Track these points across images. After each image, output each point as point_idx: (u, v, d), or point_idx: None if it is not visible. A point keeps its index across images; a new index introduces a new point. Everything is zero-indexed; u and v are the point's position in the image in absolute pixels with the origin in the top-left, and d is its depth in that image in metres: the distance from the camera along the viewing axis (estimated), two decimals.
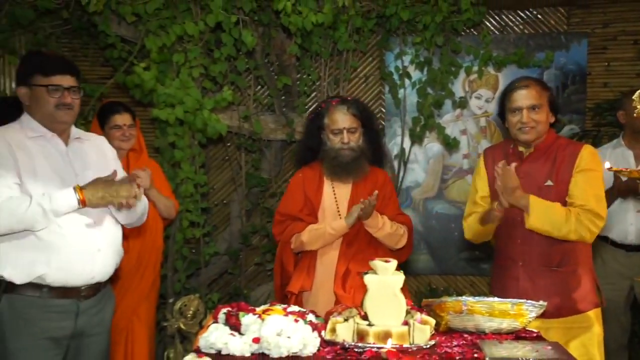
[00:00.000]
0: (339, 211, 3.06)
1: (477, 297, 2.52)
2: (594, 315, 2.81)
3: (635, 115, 2.32)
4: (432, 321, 2.32)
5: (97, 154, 2.67)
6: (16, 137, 2.47)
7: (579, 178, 2.77)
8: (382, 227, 3.00)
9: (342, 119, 3.02)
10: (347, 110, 3.05)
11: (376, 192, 2.91)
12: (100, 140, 2.80)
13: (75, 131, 2.64)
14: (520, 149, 2.92)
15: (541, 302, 2.43)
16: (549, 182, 2.81)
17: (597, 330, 2.82)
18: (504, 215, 2.80)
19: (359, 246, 3.01)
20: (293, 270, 3.06)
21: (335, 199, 3.06)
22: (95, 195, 2.40)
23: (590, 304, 2.80)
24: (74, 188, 2.39)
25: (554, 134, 2.93)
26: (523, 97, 2.82)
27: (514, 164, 2.71)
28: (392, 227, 3.04)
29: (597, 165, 2.80)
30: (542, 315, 2.48)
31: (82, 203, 2.39)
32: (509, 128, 2.90)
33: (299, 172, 3.18)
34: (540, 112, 2.81)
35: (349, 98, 3.23)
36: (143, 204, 2.71)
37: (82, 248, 2.46)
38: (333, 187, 3.09)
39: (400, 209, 3.26)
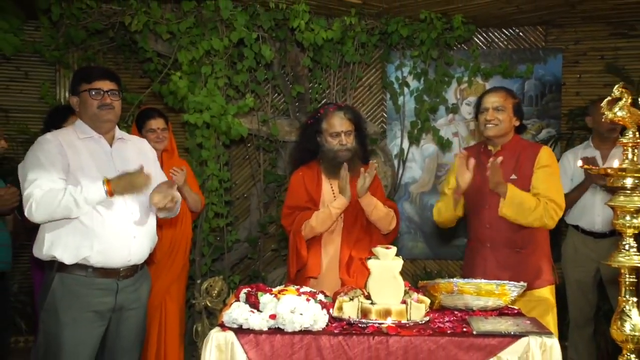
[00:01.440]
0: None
1: (466, 279, 2.53)
2: (549, 291, 2.87)
3: (603, 120, 2.31)
4: (427, 300, 2.32)
5: (138, 154, 2.67)
6: (68, 138, 2.51)
7: (540, 174, 2.84)
8: (376, 206, 2.93)
9: (339, 123, 2.97)
10: (343, 115, 3.00)
11: (374, 163, 2.88)
12: (142, 142, 2.81)
13: (119, 133, 2.66)
14: (490, 147, 2.97)
15: (522, 283, 2.44)
16: (513, 176, 2.87)
17: (552, 303, 2.88)
18: (462, 195, 2.89)
19: (358, 235, 2.96)
20: (307, 254, 3.00)
21: (334, 195, 2.99)
22: (119, 185, 2.41)
23: (546, 281, 2.87)
24: (103, 181, 2.40)
25: (518, 137, 2.99)
26: (490, 100, 2.92)
27: (500, 158, 2.75)
28: (384, 209, 2.97)
29: (554, 163, 2.90)
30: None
31: (109, 193, 2.40)
32: (479, 126, 2.98)
33: (298, 170, 3.10)
34: (502, 112, 2.88)
35: (343, 105, 3.20)
36: (178, 198, 2.71)
37: (119, 235, 2.48)
38: (331, 184, 3.02)
39: (387, 197, 3.21)
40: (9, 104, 4.83)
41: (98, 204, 2.41)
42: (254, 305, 2.23)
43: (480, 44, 5.00)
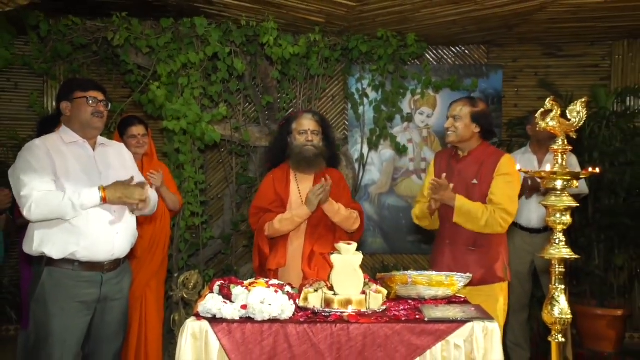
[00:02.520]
0: (303, 202, 2.97)
1: (419, 271, 2.54)
2: (499, 287, 2.82)
3: (537, 129, 2.37)
4: (384, 291, 2.34)
5: (118, 158, 2.66)
6: (54, 144, 2.50)
7: (499, 181, 2.80)
8: (338, 211, 2.93)
9: (307, 122, 2.98)
10: (312, 117, 3.01)
11: (328, 177, 2.88)
12: (120, 147, 2.78)
13: (100, 139, 2.65)
14: (459, 152, 2.94)
15: (467, 274, 2.47)
16: (475, 181, 2.84)
17: (501, 299, 2.82)
18: (435, 210, 2.87)
19: (321, 232, 2.95)
20: (269, 251, 3.00)
21: (300, 193, 2.99)
22: (114, 195, 2.42)
23: (497, 278, 2.81)
24: (99, 188, 2.41)
25: (486, 144, 2.94)
26: (451, 109, 2.92)
27: (444, 175, 2.77)
28: (347, 212, 2.97)
29: (514, 172, 2.82)
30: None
31: (104, 200, 2.41)
32: None
33: (270, 173, 3.09)
34: (459, 121, 2.85)
35: (312, 110, 3.21)
36: (154, 198, 2.69)
37: (103, 232, 2.47)
38: (298, 184, 3.02)
39: (353, 200, 3.21)
40: (0, 112, 4.80)
41: (91, 208, 2.41)
42: (227, 296, 2.22)
43: (431, 59, 5.06)
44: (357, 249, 2.35)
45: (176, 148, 4.23)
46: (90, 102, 2.51)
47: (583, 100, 2.13)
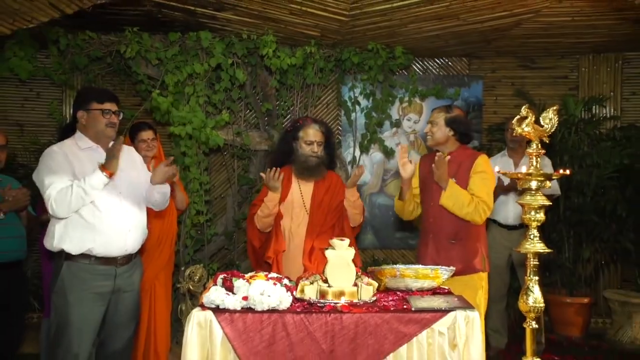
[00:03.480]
0: (304, 203, 3.01)
1: (406, 265, 2.54)
2: (477, 277, 2.82)
3: (514, 134, 2.38)
4: (375, 283, 2.35)
5: (128, 160, 2.66)
6: (70, 149, 2.53)
7: (476, 178, 2.83)
8: (358, 199, 2.98)
9: (314, 134, 2.98)
10: (318, 128, 3.01)
11: (362, 168, 2.99)
12: (130, 150, 2.80)
13: (111, 143, 2.63)
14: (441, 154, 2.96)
15: (451, 268, 2.47)
16: (453, 180, 2.84)
17: (481, 289, 2.84)
18: (407, 187, 2.92)
19: (321, 229, 2.96)
20: (258, 244, 3.00)
21: (301, 195, 3.01)
22: (110, 164, 2.43)
23: (476, 269, 2.82)
24: (99, 167, 2.43)
25: (464, 147, 2.95)
26: (430, 117, 2.95)
27: (448, 156, 2.77)
28: (359, 200, 3.02)
29: (488, 169, 2.86)
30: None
31: (108, 174, 2.42)
32: None
33: None
34: (435, 126, 2.89)
35: (318, 119, 3.21)
36: (164, 190, 2.68)
37: (117, 229, 2.49)
38: (300, 186, 3.03)
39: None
40: (23, 120, 4.84)
41: (104, 186, 2.43)
42: (229, 288, 2.22)
43: (418, 70, 5.07)
44: (351, 245, 2.36)
45: (182, 151, 4.22)
46: (105, 114, 2.53)
47: (554, 108, 2.15)
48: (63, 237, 2.44)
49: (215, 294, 2.18)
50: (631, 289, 4.63)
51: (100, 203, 2.46)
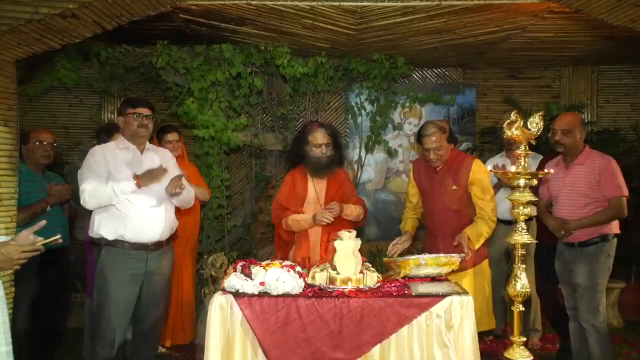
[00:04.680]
0: (318, 199, 3.02)
1: (430, 255, 2.49)
2: (484, 263, 2.89)
3: (504, 137, 2.38)
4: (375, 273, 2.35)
5: (162, 160, 2.71)
6: (110, 149, 2.62)
7: (477, 190, 2.82)
8: (351, 213, 2.99)
9: (321, 137, 2.99)
10: (324, 131, 3.02)
11: (336, 204, 2.90)
12: (165, 152, 2.86)
13: (148, 145, 2.74)
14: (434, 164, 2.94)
15: (461, 254, 2.51)
16: (454, 187, 2.85)
17: (487, 272, 2.90)
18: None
19: (335, 223, 2.93)
20: (288, 237, 3.03)
21: (316, 191, 3.03)
22: (143, 178, 2.52)
23: (482, 258, 2.87)
24: (133, 176, 2.51)
25: (455, 152, 2.94)
26: (429, 143, 2.83)
27: (469, 254, 2.69)
28: (356, 210, 3.02)
29: (484, 173, 2.85)
30: (456, 270, 2.53)
31: (138, 185, 2.51)
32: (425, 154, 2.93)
33: (289, 174, 3.12)
34: (440, 149, 2.83)
35: (324, 123, 3.22)
36: (190, 192, 2.75)
37: (146, 218, 2.55)
38: (314, 184, 3.04)
39: (357, 195, 3.23)
40: (69, 123, 4.95)
41: (131, 193, 2.50)
42: (248, 275, 2.24)
43: (417, 78, 5.05)
44: (358, 236, 2.37)
45: (206, 151, 4.24)
46: (136, 116, 2.60)
47: (540, 113, 2.15)
48: (101, 225, 2.53)
49: (235, 280, 2.20)
50: None
51: (132, 197, 2.52)
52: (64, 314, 3.35)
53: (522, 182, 2.09)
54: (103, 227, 2.54)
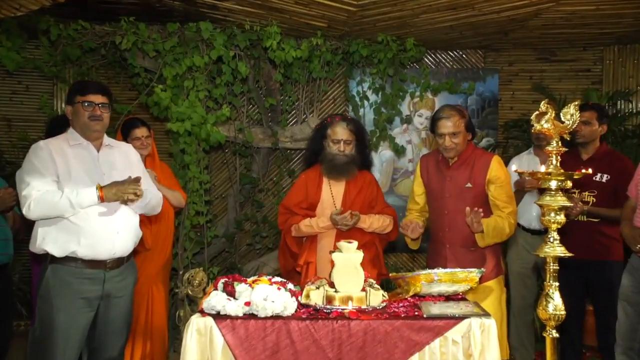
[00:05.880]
0: (334, 204, 3.02)
1: (443, 270, 2.47)
2: (498, 281, 2.89)
3: (532, 131, 2.37)
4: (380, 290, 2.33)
5: (124, 159, 2.65)
6: (58, 146, 2.50)
7: (497, 188, 2.83)
8: (370, 226, 3.00)
9: (341, 132, 3.00)
10: (346, 126, 3.02)
11: (354, 214, 2.92)
12: (127, 147, 2.78)
13: (106, 140, 2.64)
14: (449, 159, 2.94)
15: (482, 269, 2.46)
16: (469, 185, 2.86)
17: (501, 291, 2.90)
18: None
19: (351, 232, 2.95)
20: (297, 249, 3.05)
21: (332, 195, 3.03)
22: (110, 192, 2.42)
23: (495, 273, 2.87)
24: (96, 187, 2.42)
25: (472, 146, 2.95)
26: (446, 126, 2.82)
27: (480, 211, 2.70)
28: (379, 221, 3.02)
29: (504, 172, 2.87)
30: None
31: (101, 199, 2.41)
32: (438, 145, 2.93)
33: (303, 174, 3.14)
34: (458, 136, 2.82)
35: (349, 117, 3.22)
36: (156, 197, 2.69)
37: (104, 230, 2.47)
38: (330, 186, 3.05)
39: (386, 203, 3.21)
40: (11, 114, 4.84)
41: (88, 207, 2.42)
42: (231, 293, 2.22)
43: (430, 63, 5.06)
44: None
45: (181, 149, 4.23)
46: (86, 105, 2.50)
47: (576, 103, 2.13)
48: (46, 239, 2.42)
49: (215, 299, 2.18)
50: None
51: None
52: (3, 346, 3.22)
53: (553, 184, 2.08)
54: (49, 242, 2.41)
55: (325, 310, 2.20)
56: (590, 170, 2.15)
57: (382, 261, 3.16)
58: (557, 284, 2.13)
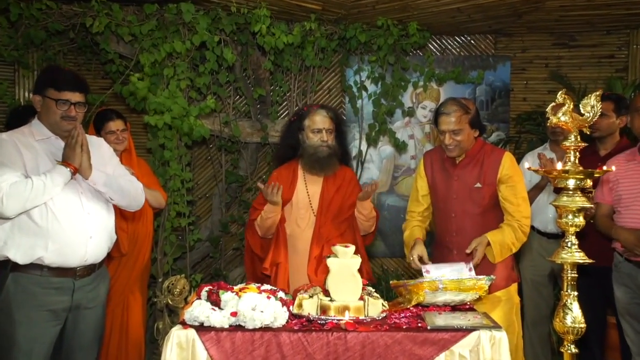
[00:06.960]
0: (311, 204, 3.02)
1: (451, 277, 2.47)
2: (512, 289, 2.90)
3: (548, 125, 2.36)
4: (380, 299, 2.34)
5: (95, 153, 2.61)
6: (24, 139, 2.47)
7: (507, 186, 2.83)
8: (371, 210, 3.03)
9: (322, 120, 3.00)
10: (326, 113, 3.03)
11: (377, 183, 2.99)
12: (99, 141, 2.76)
13: None
14: (456, 158, 2.94)
15: (491, 276, 2.46)
16: (478, 185, 2.86)
17: (515, 300, 2.91)
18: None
19: (330, 234, 2.96)
20: (259, 250, 3.04)
21: (308, 194, 3.03)
22: (70, 157, 2.40)
23: (508, 281, 2.88)
24: (59, 164, 2.40)
25: (480, 142, 2.95)
26: (446, 123, 2.83)
27: (481, 251, 2.73)
28: (372, 212, 3.05)
29: (516, 170, 2.87)
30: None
31: (73, 170, 2.40)
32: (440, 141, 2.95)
33: (275, 171, 3.13)
34: (460, 134, 2.82)
35: (325, 105, 3.23)
36: (135, 186, 2.67)
37: (75, 234, 2.44)
38: (306, 184, 3.04)
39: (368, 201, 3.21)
40: None
41: (66, 183, 2.39)
42: (216, 303, 2.22)
43: (435, 50, 5.07)
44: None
45: (161, 144, 4.21)
46: (60, 104, 2.46)
47: (597, 93, 2.12)
48: (8, 243, 2.37)
49: (198, 310, 2.18)
50: None
51: (54, 203, 2.39)
52: None
53: (571, 182, 2.08)
54: (11, 247, 2.37)
55: (319, 321, 2.20)
56: (613, 168, 2.15)
57: (370, 270, 3.14)
58: (575, 293, 2.12)
